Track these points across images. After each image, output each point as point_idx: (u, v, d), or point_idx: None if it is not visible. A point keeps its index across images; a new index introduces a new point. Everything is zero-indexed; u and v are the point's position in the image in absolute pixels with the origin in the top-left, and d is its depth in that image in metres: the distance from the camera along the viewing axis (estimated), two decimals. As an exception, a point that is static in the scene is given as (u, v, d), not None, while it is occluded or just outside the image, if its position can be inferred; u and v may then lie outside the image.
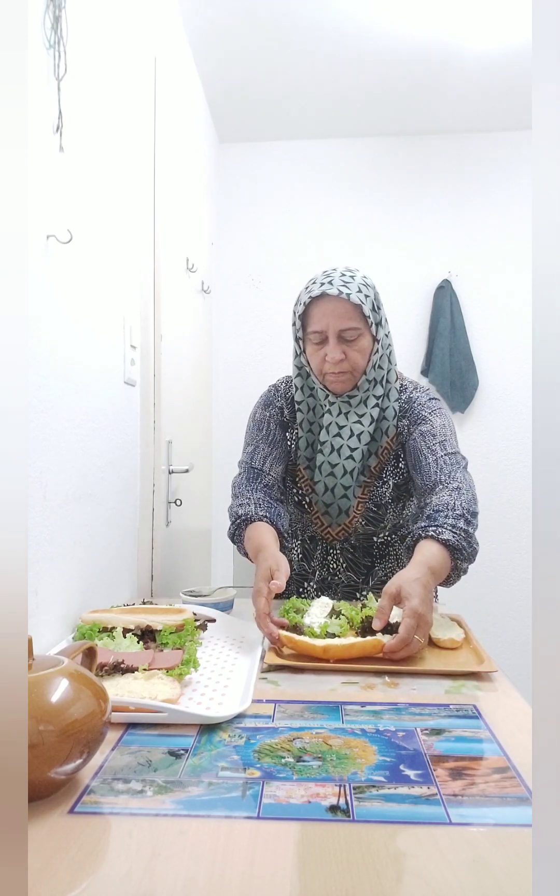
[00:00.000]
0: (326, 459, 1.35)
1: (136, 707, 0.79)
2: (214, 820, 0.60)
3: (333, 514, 1.37)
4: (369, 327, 1.30)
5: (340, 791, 0.64)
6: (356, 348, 1.30)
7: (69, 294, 1.17)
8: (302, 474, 1.41)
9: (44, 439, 1.07)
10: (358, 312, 1.28)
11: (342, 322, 1.27)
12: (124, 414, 1.52)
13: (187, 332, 2.15)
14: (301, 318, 1.32)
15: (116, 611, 1.11)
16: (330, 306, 1.27)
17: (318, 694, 0.90)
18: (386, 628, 1.08)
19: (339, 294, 1.26)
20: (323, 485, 1.36)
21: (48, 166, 1.08)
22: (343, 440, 1.34)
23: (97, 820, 0.60)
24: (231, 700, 0.86)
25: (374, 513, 1.37)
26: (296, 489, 1.42)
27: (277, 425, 1.44)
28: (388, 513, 1.38)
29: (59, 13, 1.07)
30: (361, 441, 1.34)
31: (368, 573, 1.42)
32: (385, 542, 1.42)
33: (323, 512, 1.39)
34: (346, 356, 1.29)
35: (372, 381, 1.35)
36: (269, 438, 1.43)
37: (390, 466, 1.38)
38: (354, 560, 1.41)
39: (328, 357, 1.29)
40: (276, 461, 1.41)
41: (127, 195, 1.52)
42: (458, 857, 0.54)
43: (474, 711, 0.84)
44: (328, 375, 1.32)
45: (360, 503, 1.37)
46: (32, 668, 0.64)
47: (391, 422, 1.36)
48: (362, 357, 1.31)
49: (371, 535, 1.41)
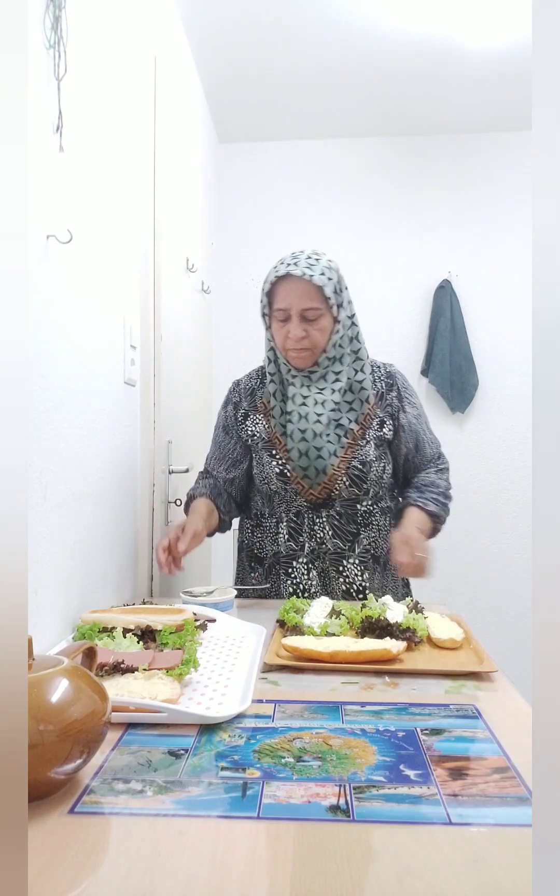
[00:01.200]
0: (296, 426, 1.45)
1: (136, 707, 0.79)
2: (214, 820, 0.60)
3: (312, 476, 1.45)
4: (330, 308, 1.41)
5: (340, 791, 0.64)
6: (317, 327, 1.40)
7: (69, 294, 1.17)
8: (279, 441, 1.49)
9: (44, 439, 1.07)
10: (319, 294, 1.38)
11: (304, 302, 1.38)
12: (124, 414, 1.52)
13: (187, 332, 2.15)
14: (268, 296, 1.42)
15: (116, 611, 1.11)
16: (294, 286, 1.38)
17: (318, 694, 0.90)
18: (388, 630, 1.08)
19: (303, 275, 1.36)
20: (296, 450, 1.45)
21: (48, 166, 1.08)
22: (309, 408, 1.44)
23: (97, 820, 0.60)
24: (231, 700, 0.86)
25: (358, 470, 1.45)
26: (275, 461, 1.49)
27: (223, 429, 1.59)
28: (372, 471, 1.47)
29: (59, 13, 1.07)
30: (326, 408, 1.44)
31: (354, 540, 1.48)
32: (368, 511, 1.49)
33: (302, 476, 1.46)
34: (307, 334, 1.40)
35: (332, 358, 1.45)
36: (218, 441, 1.60)
37: (373, 430, 1.49)
38: (340, 527, 1.47)
39: (290, 334, 1.40)
40: (220, 460, 1.58)
41: (127, 195, 1.52)
42: (458, 857, 0.54)
43: (474, 711, 0.84)
44: (290, 352, 1.43)
45: (343, 462, 1.45)
46: (32, 668, 0.64)
47: (369, 391, 1.49)
48: (323, 336, 1.42)
49: (354, 502, 1.48)
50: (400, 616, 1.12)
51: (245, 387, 1.59)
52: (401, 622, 1.09)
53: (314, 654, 1.00)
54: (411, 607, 1.20)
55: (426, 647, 1.10)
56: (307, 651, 1.00)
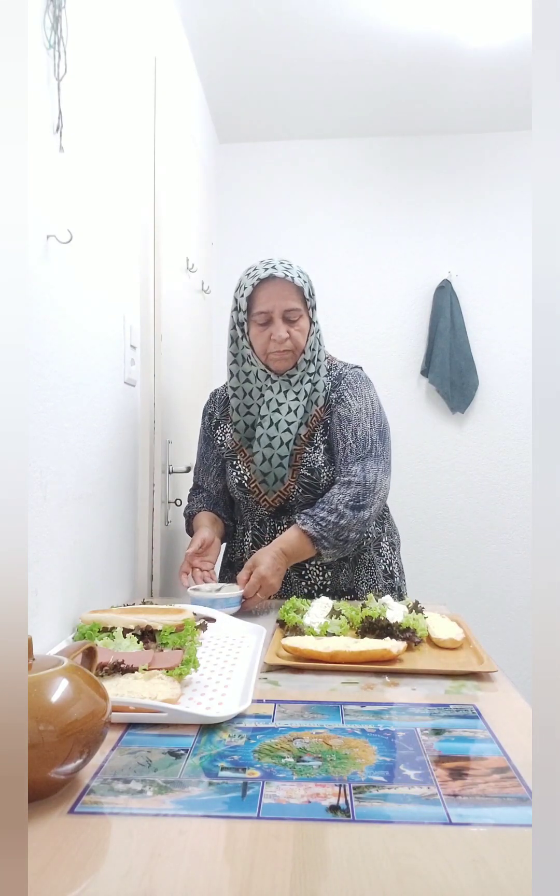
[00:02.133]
0: (265, 432, 1.46)
1: (136, 707, 0.79)
2: (214, 820, 0.60)
3: (270, 482, 1.47)
4: (308, 310, 1.45)
5: (340, 791, 0.64)
6: (297, 328, 1.43)
7: (69, 294, 1.17)
8: (243, 454, 1.51)
9: (44, 439, 1.07)
10: (299, 295, 1.42)
11: (287, 302, 1.41)
12: (124, 414, 1.52)
13: (187, 332, 2.15)
14: (247, 300, 1.43)
15: (116, 611, 1.11)
16: (276, 288, 1.41)
17: (318, 694, 0.90)
18: (388, 630, 1.08)
19: (285, 276, 1.40)
20: (261, 455, 1.46)
21: (48, 166, 1.08)
22: (281, 415, 1.45)
23: (97, 820, 0.60)
24: (231, 700, 0.86)
25: (308, 478, 1.45)
26: (235, 471, 1.51)
27: (203, 440, 1.62)
28: (322, 477, 1.45)
29: (59, 13, 1.07)
30: (297, 415, 1.45)
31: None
32: None
33: (260, 481, 1.48)
34: (289, 335, 1.42)
35: (308, 360, 1.47)
36: (200, 452, 1.64)
37: (319, 433, 1.48)
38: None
39: (274, 336, 1.41)
40: (206, 472, 1.61)
41: (127, 195, 1.52)
42: (458, 857, 0.54)
43: (474, 711, 0.84)
44: (272, 355, 1.44)
45: (294, 470, 1.46)
46: (32, 668, 0.64)
47: (321, 393, 1.48)
48: (303, 336, 1.44)
49: (309, 507, 1.45)
50: (400, 616, 1.12)
51: (220, 396, 1.61)
52: (401, 622, 1.09)
53: (314, 654, 1.00)
54: (411, 607, 1.20)
55: (426, 647, 1.10)
56: (307, 651, 1.00)
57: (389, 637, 1.06)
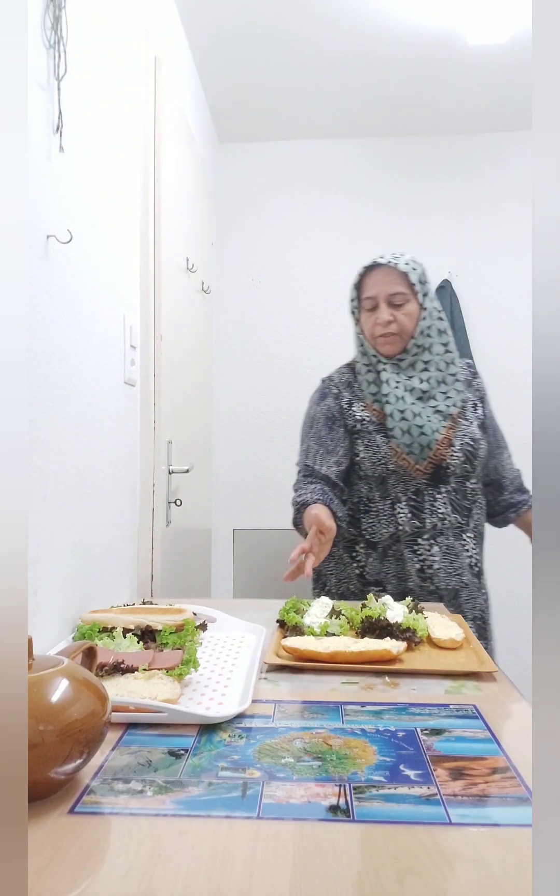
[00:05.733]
0: (395, 407, 1.50)
1: (136, 707, 0.79)
2: (214, 820, 0.60)
3: (416, 452, 1.50)
4: (416, 295, 1.49)
5: (340, 791, 0.64)
6: (403, 312, 1.49)
7: (69, 294, 1.17)
8: (384, 426, 1.54)
9: (44, 439, 1.07)
10: (405, 280, 1.48)
11: (391, 287, 1.48)
12: (124, 414, 1.52)
13: (187, 332, 2.15)
14: (356, 288, 1.54)
15: (116, 611, 1.11)
16: (380, 274, 1.50)
17: (318, 694, 0.90)
18: (388, 630, 1.08)
19: (389, 263, 1.49)
20: (398, 429, 1.50)
21: (48, 166, 1.08)
22: (402, 391, 1.51)
23: (97, 820, 0.60)
24: (231, 700, 0.86)
25: (470, 446, 1.52)
26: (377, 447, 1.52)
27: (326, 421, 1.57)
28: (481, 448, 1.53)
29: (59, 13, 1.07)
30: (421, 390, 1.51)
31: (469, 515, 1.55)
32: (475, 489, 1.57)
33: (407, 453, 1.50)
34: (394, 318, 1.48)
35: (420, 346, 1.52)
36: (319, 435, 1.57)
37: (470, 411, 1.57)
38: (456, 502, 1.53)
39: (378, 320, 1.49)
40: (328, 454, 1.54)
41: (127, 195, 1.52)
42: (458, 857, 0.54)
43: (474, 711, 0.84)
44: (379, 338, 1.51)
45: (446, 440, 1.51)
46: (32, 668, 0.64)
47: (462, 381, 1.57)
48: (410, 321, 1.50)
49: (465, 479, 1.53)
50: (400, 616, 1.12)
51: (340, 380, 1.63)
52: (401, 622, 1.09)
53: (314, 654, 1.00)
54: (411, 607, 1.20)
55: (426, 647, 1.10)
56: (307, 652, 1.00)
57: (389, 637, 1.06)
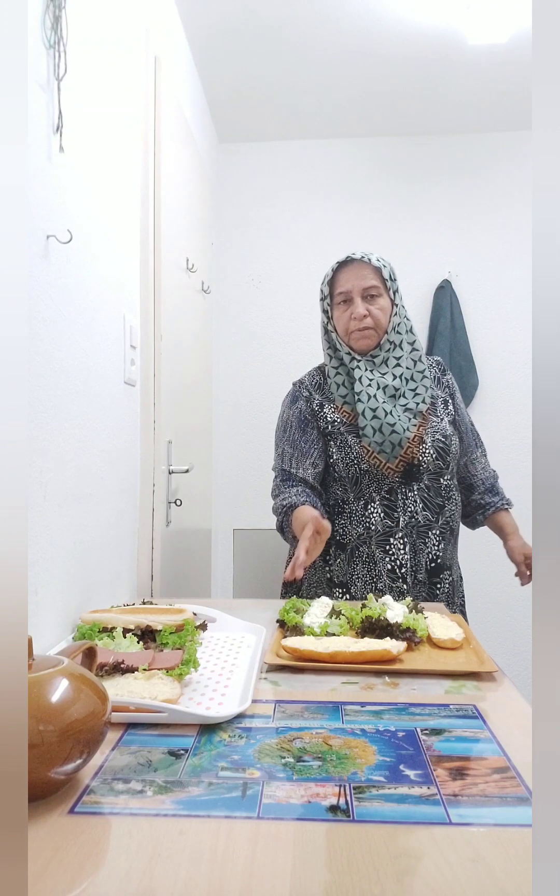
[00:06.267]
0: (366, 406, 1.50)
1: (136, 707, 0.79)
2: (214, 820, 0.60)
3: (388, 451, 1.50)
4: (388, 291, 1.52)
5: (340, 791, 0.64)
6: (377, 306, 1.51)
7: (69, 294, 1.17)
8: (356, 427, 1.54)
9: (44, 439, 1.07)
10: (378, 275, 1.51)
11: (365, 280, 1.50)
12: (124, 414, 1.52)
13: (187, 332, 2.15)
14: (329, 284, 1.54)
15: (116, 611, 1.11)
16: (354, 269, 1.51)
17: (318, 694, 0.90)
18: (388, 630, 1.08)
19: (363, 258, 1.51)
20: (370, 427, 1.50)
21: (48, 166, 1.08)
22: (374, 389, 1.51)
23: (97, 820, 0.60)
24: (231, 700, 0.86)
25: (442, 443, 1.53)
26: (349, 447, 1.53)
27: (299, 424, 1.58)
28: (452, 444, 1.55)
29: (59, 13, 1.07)
30: (393, 387, 1.52)
31: (440, 512, 1.55)
32: (448, 486, 1.57)
33: (378, 451, 1.51)
34: (369, 313, 1.50)
35: (392, 343, 1.53)
36: (292, 439, 1.58)
37: (441, 408, 1.57)
38: (429, 499, 1.54)
39: (354, 314, 1.49)
40: (303, 457, 1.55)
41: (127, 195, 1.52)
42: (458, 857, 0.54)
43: (474, 711, 0.84)
44: (353, 333, 1.52)
45: (417, 437, 1.52)
46: (32, 668, 0.64)
47: (429, 378, 1.58)
48: (384, 315, 1.52)
49: (439, 476, 1.54)
50: (400, 616, 1.12)
51: (310, 382, 1.64)
52: (401, 622, 1.09)
53: (314, 654, 1.00)
54: (411, 607, 1.20)
55: (426, 647, 1.10)
56: (307, 652, 1.00)
57: (389, 637, 1.06)
